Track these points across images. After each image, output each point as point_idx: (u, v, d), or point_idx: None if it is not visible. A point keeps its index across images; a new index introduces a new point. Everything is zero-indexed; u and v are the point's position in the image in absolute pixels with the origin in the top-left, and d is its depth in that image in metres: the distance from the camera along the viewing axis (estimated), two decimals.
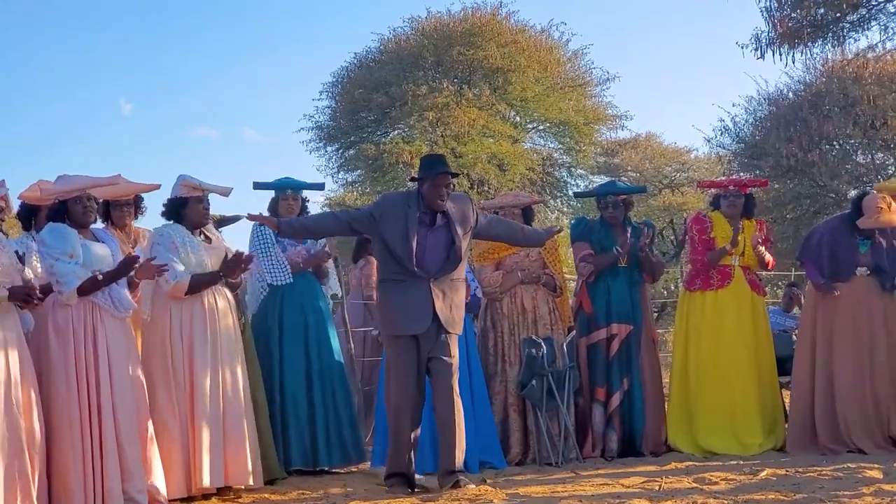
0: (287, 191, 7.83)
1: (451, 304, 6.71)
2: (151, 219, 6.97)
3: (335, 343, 7.91)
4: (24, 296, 5.69)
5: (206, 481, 6.48)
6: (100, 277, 6.07)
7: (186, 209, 6.76)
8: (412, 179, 6.79)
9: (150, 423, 6.30)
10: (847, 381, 7.89)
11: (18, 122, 47.52)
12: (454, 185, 6.73)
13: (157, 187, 7.15)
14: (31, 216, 6.71)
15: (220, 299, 6.77)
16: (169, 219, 6.80)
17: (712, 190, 8.89)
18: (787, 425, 8.32)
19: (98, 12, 46.15)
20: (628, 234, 8.20)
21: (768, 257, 8.32)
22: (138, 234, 7.34)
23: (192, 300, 6.64)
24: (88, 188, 6.30)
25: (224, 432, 6.61)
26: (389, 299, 6.74)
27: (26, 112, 48.81)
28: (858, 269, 8.01)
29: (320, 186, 8.55)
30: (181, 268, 6.52)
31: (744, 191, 8.47)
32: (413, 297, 6.62)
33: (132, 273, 6.27)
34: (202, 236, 6.83)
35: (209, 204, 6.90)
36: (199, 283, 6.64)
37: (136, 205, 7.35)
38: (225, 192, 6.99)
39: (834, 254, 8.01)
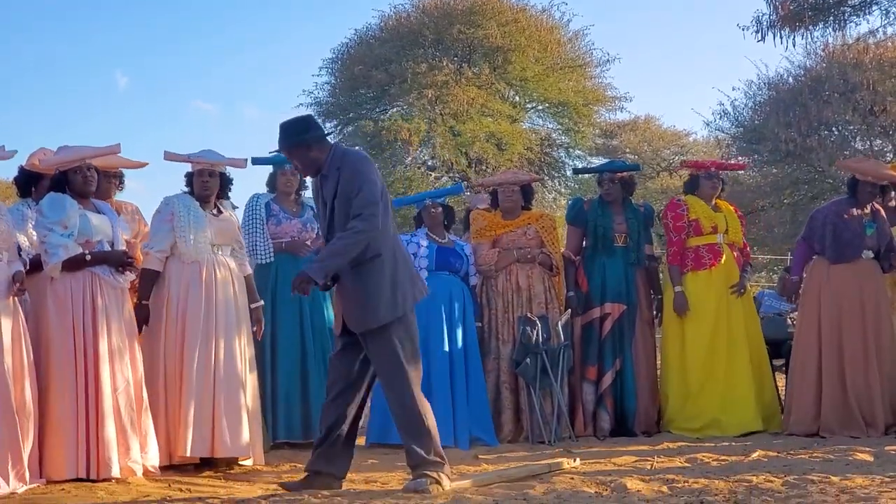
0: (285, 166, 7.81)
1: (354, 298, 5.58)
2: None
3: (330, 315, 7.92)
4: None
5: (188, 451, 6.48)
6: (88, 257, 6.10)
7: (192, 182, 6.83)
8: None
9: (144, 393, 6.31)
10: (859, 365, 7.90)
11: (13, 95, 47.42)
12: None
13: (145, 164, 7.30)
14: (29, 183, 6.70)
15: (221, 270, 6.74)
16: (186, 188, 6.88)
17: (689, 173, 8.85)
18: (783, 407, 8.33)
19: None
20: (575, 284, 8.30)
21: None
22: (120, 206, 7.34)
23: (191, 271, 6.64)
24: (88, 158, 6.32)
25: (214, 404, 6.58)
26: None
27: (21, 85, 48.69)
28: (864, 252, 8.02)
29: None
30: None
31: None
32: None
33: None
34: (215, 209, 6.86)
35: (211, 178, 6.89)
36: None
37: (117, 177, 7.36)
38: (240, 165, 7.05)
39: (839, 235, 7.99)
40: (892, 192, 8.29)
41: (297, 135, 5.66)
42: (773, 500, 5.09)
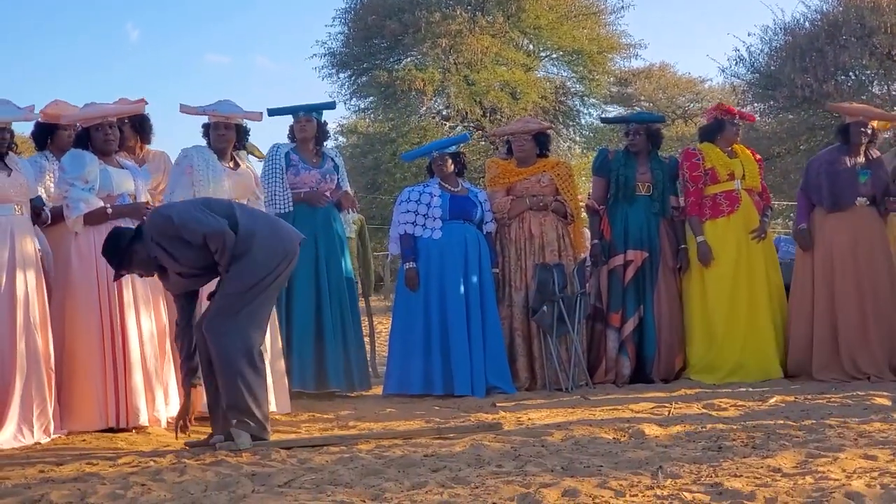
0: (299, 114, 7.88)
1: None
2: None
3: (347, 266, 7.92)
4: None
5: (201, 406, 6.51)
6: (109, 211, 6.16)
7: (209, 134, 6.86)
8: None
9: (168, 344, 6.38)
10: (851, 310, 7.89)
11: (24, 49, 47.40)
12: None
13: (143, 103, 7.13)
14: (45, 135, 6.70)
15: None
16: (203, 140, 6.92)
17: (714, 117, 8.76)
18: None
19: None
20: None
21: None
22: (148, 154, 7.33)
23: None
24: (110, 116, 6.35)
25: None
26: None
27: (31, 39, 48.65)
28: (858, 198, 8.00)
29: (331, 106, 8.63)
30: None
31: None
32: None
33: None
34: (232, 162, 6.86)
35: (227, 130, 6.89)
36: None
37: (141, 128, 7.31)
38: (256, 118, 7.10)
39: (833, 184, 8.01)
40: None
41: (116, 253, 5.59)
42: (791, 444, 5.11)
